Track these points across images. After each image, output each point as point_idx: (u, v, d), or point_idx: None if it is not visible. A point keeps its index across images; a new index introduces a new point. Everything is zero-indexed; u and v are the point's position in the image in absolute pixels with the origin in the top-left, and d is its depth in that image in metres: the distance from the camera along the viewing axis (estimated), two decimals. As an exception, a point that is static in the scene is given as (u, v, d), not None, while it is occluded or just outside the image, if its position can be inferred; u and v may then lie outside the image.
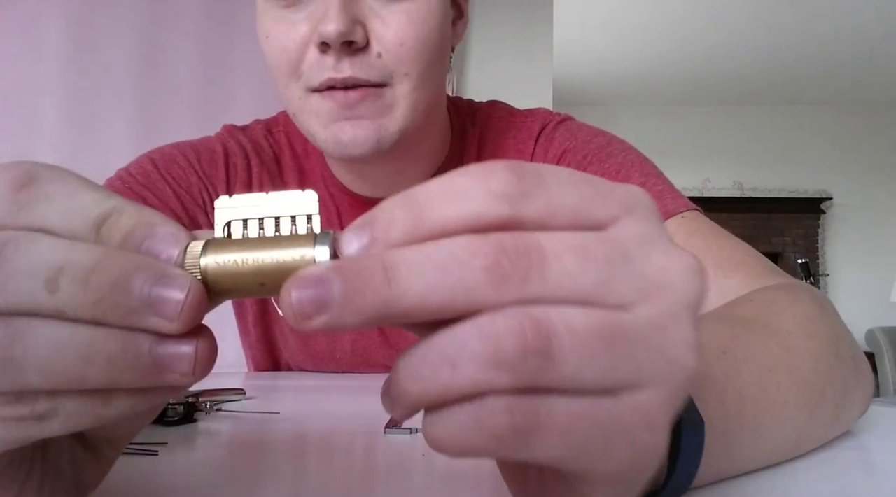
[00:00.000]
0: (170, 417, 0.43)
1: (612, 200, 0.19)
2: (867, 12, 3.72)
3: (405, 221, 0.18)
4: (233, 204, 0.20)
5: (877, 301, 4.89)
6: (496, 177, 0.18)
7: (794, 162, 5.28)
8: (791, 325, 0.35)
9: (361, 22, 0.50)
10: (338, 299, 0.16)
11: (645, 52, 4.38)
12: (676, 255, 0.18)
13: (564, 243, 0.17)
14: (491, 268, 0.17)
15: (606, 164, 0.59)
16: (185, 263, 0.18)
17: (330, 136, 0.52)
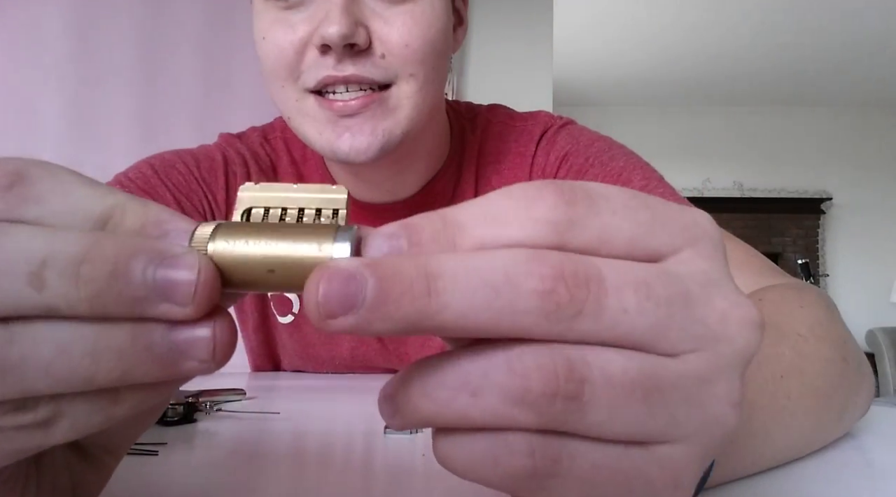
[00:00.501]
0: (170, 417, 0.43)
1: (673, 229, 0.17)
2: (868, 12, 3.72)
3: (442, 241, 0.16)
4: (257, 191, 0.19)
5: (877, 301, 4.88)
6: (543, 201, 0.16)
7: (794, 162, 5.28)
8: (803, 328, 0.35)
9: (363, 24, 0.48)
10: (369, 301, 0.15)
11: (645, 52, 4.38)
12: (739, 303, 0.17)
13: (626, 276, 0.16)
14: (546, 294, 0.15)
15: (608, 168, 0.59)
16: (193, 245, 0.17)
17: (326, 144, 0.51)
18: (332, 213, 0.18)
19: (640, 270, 0.16)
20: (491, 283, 0.15)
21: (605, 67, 4.65)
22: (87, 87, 1.44)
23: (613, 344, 0.16)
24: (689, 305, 0.16)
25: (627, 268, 0.16)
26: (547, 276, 0.15)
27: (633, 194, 0.17)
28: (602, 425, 0.15)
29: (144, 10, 1.52)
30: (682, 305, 0.16)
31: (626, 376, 0.15)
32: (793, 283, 0.46)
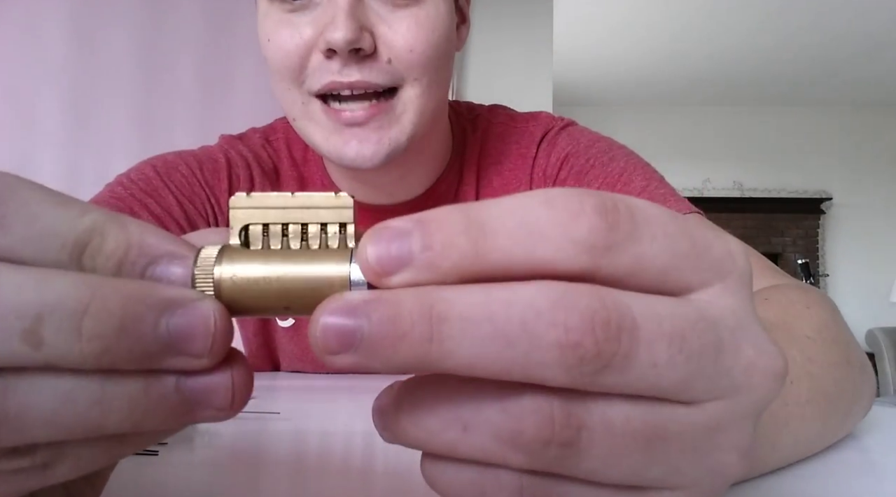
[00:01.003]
0: (170, 417, 0.43)
1: (706, 262, 0.16)
2: (868, 12, 3.72)
3: (463, 250, 0.14)
4: (252, 204, 0.17)
5: (877, 301, 4.88)
6: (584, 219, 0.14)
7: (794, 162, 5.28)
8: (811, 331, 0.35)
9: (369, 29, 0.48)
10: (366, 342, 0.14)
11: (645, 52, 4.38)
12: (766, 351, 0.16)
13: (661, 326, 0.14)
14: (570, 347, 0.13)
15: (609, 168, 0.59)
16: (196, 274, 0.15)
17: (333, 150, 0.51)
18: (339, 228, 0.17)
19: (676, 319, 0.15)
20: (506, 334, 0.13)
21: (605, 67, 4.65)
22: (87, 88, 1.44)
23: (630, 395, 0.15)
24: (719, 356, 0.15)
25: (663, 313, 0.15)
26: (574, 327, 0.13)
27: (672, 218, 0.16)
28: (597, 472, 0.15)
29: (144, 11, 1.52)
30: (713, 357, 0.15)
31: (629, 425, 0.14)
32: (794, 284, 0.46)
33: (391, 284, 0.14)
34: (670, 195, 0.57)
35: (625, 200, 0.15)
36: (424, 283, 0.14)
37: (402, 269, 0.14)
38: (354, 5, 0.47)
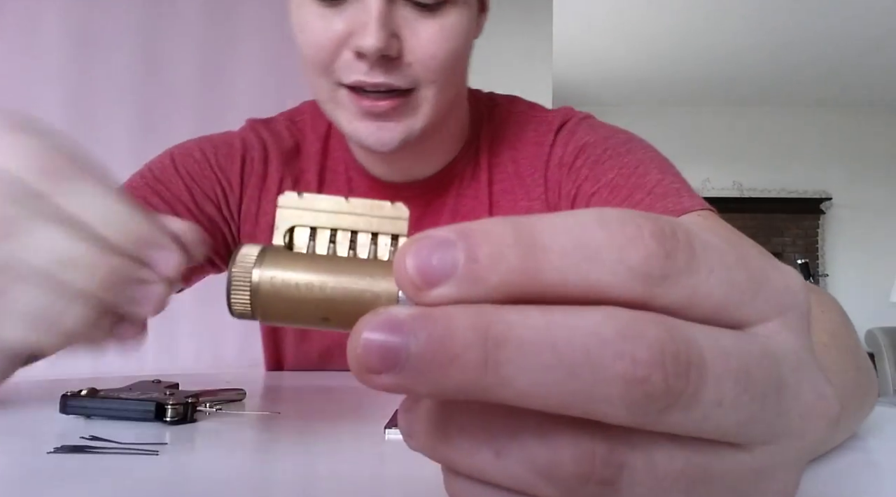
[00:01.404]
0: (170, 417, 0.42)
1: (765, 296, 0.15)
2: (867, 12, 3.72)
3: (511, 264, 0.13)
4: (302, 204, 0.16)
5: (877, 301, 4.88)
6: (641, 245, 0.13)
7: (793, 162, 5.28)
8: (825, 336, 0.35)
9: (397, 34, 0.52)
10: (413, 362, 0.13)
11: (644, 52, 4.38)
12: (823, 394, 0.15)
13: (728, 362, 0.13)
14: (636, 382, 0.12)
15: (625, 159, 0.59)
16: (233, 274, 0.15)
17: (354, 132, 0.55)
18: (392, 240, 0.16)
19: (742, 354, 0.14)
20: (567, 362, 0.12)
21: (605, 67, 4.65)
22: (87, 88, 1.44)
23: (683, 435, 0.14)
24: (780, 398, 0.14)
25: (729, 347, 0.14)
26: (642, 360, 0.12)
27: (731, 246, 0.15)
28: None
29: (144, 10, 1.52)
30: (775, 397, 0.14)
31: (673, 466, 0.14)
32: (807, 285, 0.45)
33: (431, 298, 0.13)
34: (684, 190, 0.57)
35: (683, 227, 0.14)
36: (467, 299, 0.13)
37: (443, 281, 0.13)
38: (386, 13, 0.50)
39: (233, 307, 0.15)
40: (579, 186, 0.60)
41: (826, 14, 3.76)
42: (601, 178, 0.59)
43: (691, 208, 0.54)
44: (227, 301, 0.15)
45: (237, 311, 0.16)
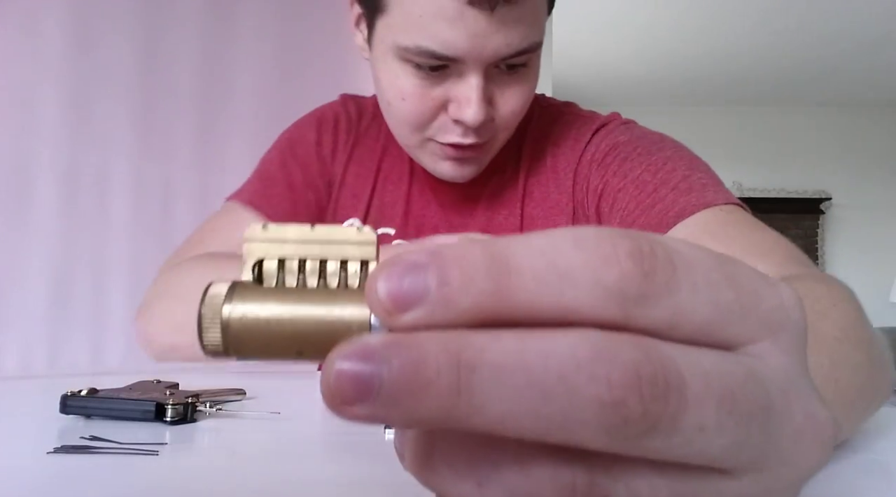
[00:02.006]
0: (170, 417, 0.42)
1: (755, 315, 0.14)
2: (867, 12, 3.72)
3: (483, 288, 0.13)
4: (267, 237, 0.16)
5: (876, 301, 4.89)
6: (617, 265, 0.13)
7: (793, 162, 5.28)
8: (838, 331, 0.35)
9: (490, 100, 0.57)
10: (386, 391, 0.12)
11: (644, 52, 4.38)
12: (816, 418, 0.15)
13: (710, 385, 0.13)
14: (612, 406, 0.12)
15: (654, 157, 0.59)
16: (202, 313, 0.15)
17: (436, 171, 0.63)
18: (361, 266, 0.15)
19: (725, 376, 0.13)
20: (541, 385, 0.12)
21: (605, 67, 4.65)
22: (87, 88, 1.44)
23: (663, 462, 0.13)
24: (768, 421, 0.14)
25: (710, 369, 0.13)
26: (617, 382, 0.12)
27: (718, 263, 0.14)
28: None
29: (144, 10, 1.52)
30: (762, 422, 0.14)
31: (657, 494, 0.13)
32: (818, 275, 0.45)
33: (403, 323, 0.13)
34: (711, 186, 0.56)
35: (663, 244, 0.14)
36: (440, 323, 0.13)
37: (415, 305, 0.13)
38: (485, 86, 0.55)
39: (205, 346, 0.15)
40: (606, 182, 0.61)
41: (826, 14, 3.76)
42: (628, 174, 0.59)
43: (714, 202, 0.54)
44: (199, 340, 0.15)
45: (210, 350, 0.15)
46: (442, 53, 0.53)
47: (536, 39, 0.56)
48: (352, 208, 0.70)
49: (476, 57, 0.53)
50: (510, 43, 0.53)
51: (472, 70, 0.55)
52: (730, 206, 0.54)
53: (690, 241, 0.26)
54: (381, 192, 0.70)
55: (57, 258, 1.38)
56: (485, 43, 0.53)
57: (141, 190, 1.48)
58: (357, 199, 0.70)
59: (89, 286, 1.42)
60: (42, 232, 1.36)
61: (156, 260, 1.49)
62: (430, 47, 0.53)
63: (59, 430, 0.40)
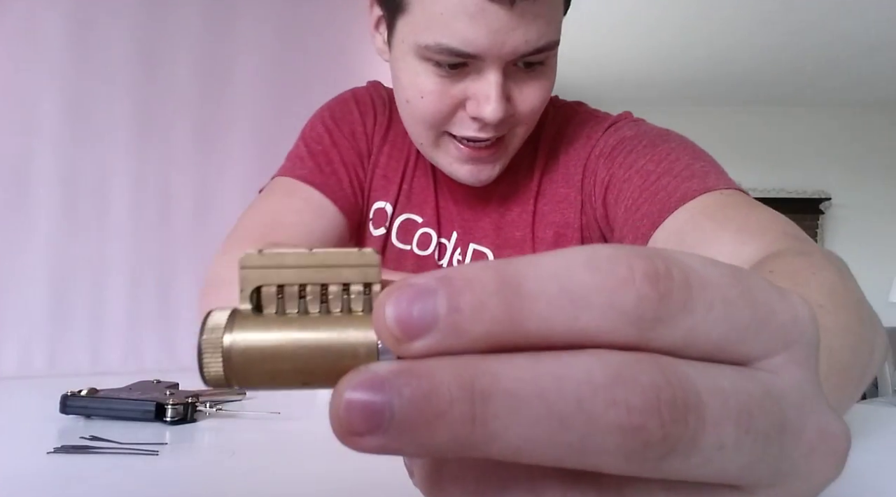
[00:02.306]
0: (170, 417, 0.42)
1: (769, 330, 0.14)
2: (867, 12, 3.72)
3: (495, 314, 0.13)
4: (264, 262, 0.15)
5: (876, 301, 4.88)
6: (632, 288, 0.13)
7: (793, 162, 5.28)
8: (822, 298, 0.35)
9: (509, 96, 0.57)
10: (397, 421, 0.12)
11: (645, 52, 4.38)
12: (829, 431, 0.14)
13: (728, 403, 0.13)
14: (632, 431, 0.12)
15: (658, 148, 0.60)
16: (203, 344, 0.14)
17: (454, 172, 0.63)
18: (364, 289, 0.15)
19: (741, 394, 0.13)
20: (558, 412, 0.12)
21: (605, 67, 4.65)
22: (86, 88, 1.44)
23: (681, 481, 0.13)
24: (783, 437, 0.14)
25: (727, 387, 0.13)
26: (636, 407, 0.12)
27: (733, 279, 0.14)
28: None
29: (143, 10, 1.52)
30: (777, 439, 0.13)
31: None
32: (799, 248, 0.45)
33: (412, 350, 0.13)
34: (713, 172, 0.57)
35: (678, 262, 0.13)
36: (450, 350, 0.13)
37: (424, 333, 0.13)
38: (503, 84, 0.56)
39: (206, 377, 0.15)
40: (613, 174, 0.62)
41: (826, 14, 3.76)
42: (633, 165, 0.60)
43: (715, 187, 0.55)
44: (200, 371, 0.15)
45: (212, 381, 0.15)
46: (462, 50, 0.54)
47: (554, 38, 0.57)
48: (383, 190, 0.70)
49: (496, 53, 0.54)
50: (529, 39, 0.54)
51: (490, 67, 0.55)
52: (730, 191, 0.55)
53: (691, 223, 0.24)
54: (410, 179, 0.71)
55: (57, 258, 1.38)
56: (504, 39, 0.53)
57: (140, 190, 1.49)
58: (388, 182, 0.70)
59: (89, 286, 1.42)
60: (42, 232, 1.36)
61: (155, 260, 1.50)
62: (451, 44, 0.54)
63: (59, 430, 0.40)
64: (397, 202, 0.70)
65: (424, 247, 0.70)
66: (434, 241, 0.69)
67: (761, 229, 0.49)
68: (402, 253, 0.70)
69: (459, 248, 0.70)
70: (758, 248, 0.46)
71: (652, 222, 0.55)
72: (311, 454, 0.36)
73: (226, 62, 1.63)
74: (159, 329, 1.50)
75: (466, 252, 0.69)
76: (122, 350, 1.45)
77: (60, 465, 0.32)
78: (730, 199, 0.54)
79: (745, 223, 0.50)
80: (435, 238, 0.69)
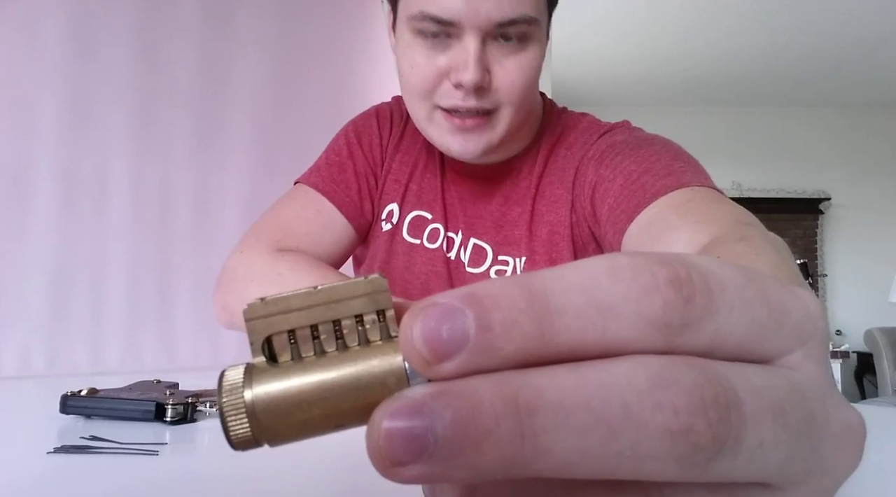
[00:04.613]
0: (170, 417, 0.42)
1: (786, 328, 0.14)
2: (867, 12, 3.72)
3: (527, 331, 0.12)
4: (269, 310, 0.14)
5: (875, 301, 4.89)
6: (658, 296, 0.13)
7: (793, 162, 5.28)
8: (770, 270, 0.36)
9: (488, 68, 0.62)
10: (442, 446, 0.11)
11: (643, 52, 4.38)
12: (850, 424, 0.15)
13: (763, 400, 0.13)
14: (681, 433, 0.12)
15: (642, 151, 0.63)
16: (224, 406, 0.14)
17: (444, 145, 0.67)
18: (378, 316, 0.14)
19: (773, 390, 0.13)
20: (607, 420, 0.11)
21: (604, 67, 4.65)
22: (85, 88, 1.44)
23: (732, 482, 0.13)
24: (811, 431, 0.14)
25: (760, 384, 0.13)
26: (682, 408, 0.12)
27: (747, 280, 0.14)
28: None
29: (143, 11, 1.52)
30: (808, 433, 0.13)
31: None
32: (740, 234, 0.46)
33: (443, 372, 0.12)
34: (690, 171, 0.59)
35: (697, 267, 0.14)
36: (482, 369, 0.12)
37: (455, 353, 0.12)
38: (481, 54, 0.61)
39: (234, 441, 0.14)
40: (600, 175, 0.65)
41: (826, 14, 3.76)
42: (618, 166, 0.63)
43: (688, 183, 0.57)
44: (226, 436, 0.14)
45: (241, 444, 0.14)
46: (440, 17, 0.60)
47: (529, 12, 0.61)
48: (393, 193, 0.77)
49: (472, 21, 0.60)
50: (502, 8, 0.60)
51: (468, 35, 0.60)
52: (702, 187, 0.57)
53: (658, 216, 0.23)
54: (419, 179, 0.77)
55: (56, 258, 1.38)
56: (478, 6, 0.59)
57: (139, 190, 1.49)
58: (397, 184, 0.77)
59: (89, 286, 1.42)
60: (41, 232, 1.36)
61: (155, 260, 1.50)
62: (431, 11, 0.61)
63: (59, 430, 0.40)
64: (403, 201, 0.76)
65: (433, 240, 0.75)
66: (442, 234, 0.74)
67: (716, 219, 0.50)
68: (412, 247, 0.75)
69: (464, 243, 0.74)
70: (708, 236, 0.48)
71: (628, 217, 0.58)
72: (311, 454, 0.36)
73: (226, 62, 1.63)
74: (159, 329, 1.50)
75: (468, 246, 0.73)
76: (122, 350, 1.45)
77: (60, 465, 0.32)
78: (697, 194, 0.56)
79: (703, 215, 0.51)
80: (443, 232, 0.74)
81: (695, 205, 0.54)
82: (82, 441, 0.36)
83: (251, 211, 1.51)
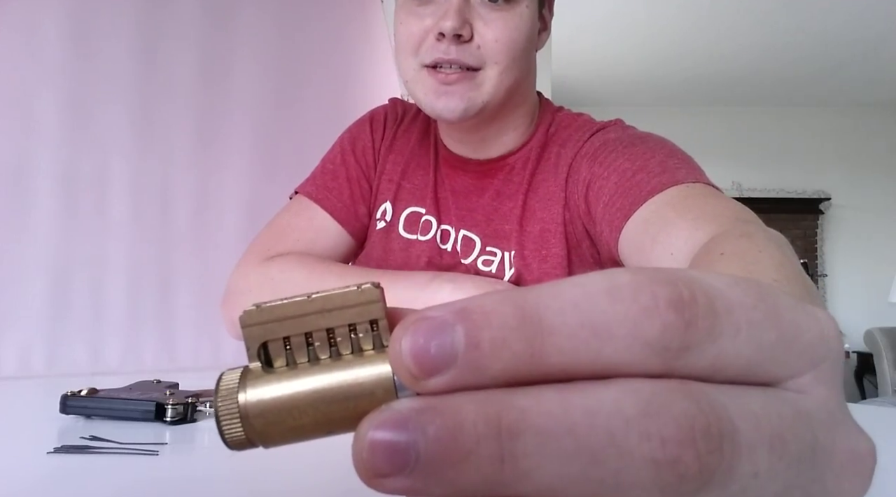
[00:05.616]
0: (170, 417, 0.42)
1: (796, 350, 0.14)
2: (867, 12, 3.72)
3: (516, 350, 0.12)
4: (264, 318, 0.15)
5: (875, 301, 4.89)
6: (658, 318, 0.12)
7: (792, 162, 5.28)
8: (774, 273, 0.36)
9: (470, 22, 0.64)
10: (424, 461, 0.12)
11: (643, 52, 4.38)
12: (858, 450, 0.15)
13: (761, 428, 0.12)
14: (667, 464, 0.11)
15: (636, 148, 0.62)
16: (219, 409, 0.14)
17: (429, 103, 0.67)
18: (371, 326, 0.15)
19: (773, 417, 0.13)
20: (590, 448, 0.11)
21: (604, 67, 4.65)
22: (85, 88, 1.44)
23: None
24: (814, 460, 0.13)
25: (759, 411, 0.13)
26: (671, 438, 0.11)
27: (758, 299, 0.14)
28: None
29: (143, 10, 1.52)
30: (809, 462, 0.13)
31: None
32: (741, 230, 0.45)
33: (429, 387, 0.12)
34: (684, 168, 0.58)
35: (702, 286, 0.13)
36: (470, 386, 0.12)
37: (442, 370, 0.12)
38: (462, 6, 0.64)
39: (229, 442, 0.15)
40: (593, 173, 0.65)
41: (826, 14, 3.76)
42: (612, 164, 0.63)
43: (683, 180, 0.56)
44: (221, 437, 0.15)
45: (235, 445, 0.15)
46: None
47: None
48: (386, 192, 0.78)
49: None
50: None
51: None
52: (698, 184, 0.56)
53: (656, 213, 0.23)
54: (411, 176, 0.78)
55: (56, 258, 1.38)
56: None
57: (140, 190, 1.48)
58: (390, 183, 0.78)
59: (89, 286, 1.42)
60: (41, 232, 1.36)
61: (155, 260, 1.50)
62: None
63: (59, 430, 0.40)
64: (396, 198, 0.77)
65: (426, 232, 0.76)
66: (435, 226, 0.75)
67: (715, 216, 0.50)
68: (409, 242, 0.76)
69: (456, 235, 0.75)
70: (708, 233, 0.47)
71: (624, 215, 0.57)
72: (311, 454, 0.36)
73: (226, 62, 1.63)
74: (159, 329, 1.50)
75: (458, 237, 0.74)
76: (122, 350, 1.45)
77: (60, 465, 0.32)
78: (693, 191, 0.55)
79: (702, 211, 0.51)
80: (435, 225, 0.75)
81: (692, 201, 0.54)
82: (82, 441, 0.36)
83: (251, 211, 1.51)
